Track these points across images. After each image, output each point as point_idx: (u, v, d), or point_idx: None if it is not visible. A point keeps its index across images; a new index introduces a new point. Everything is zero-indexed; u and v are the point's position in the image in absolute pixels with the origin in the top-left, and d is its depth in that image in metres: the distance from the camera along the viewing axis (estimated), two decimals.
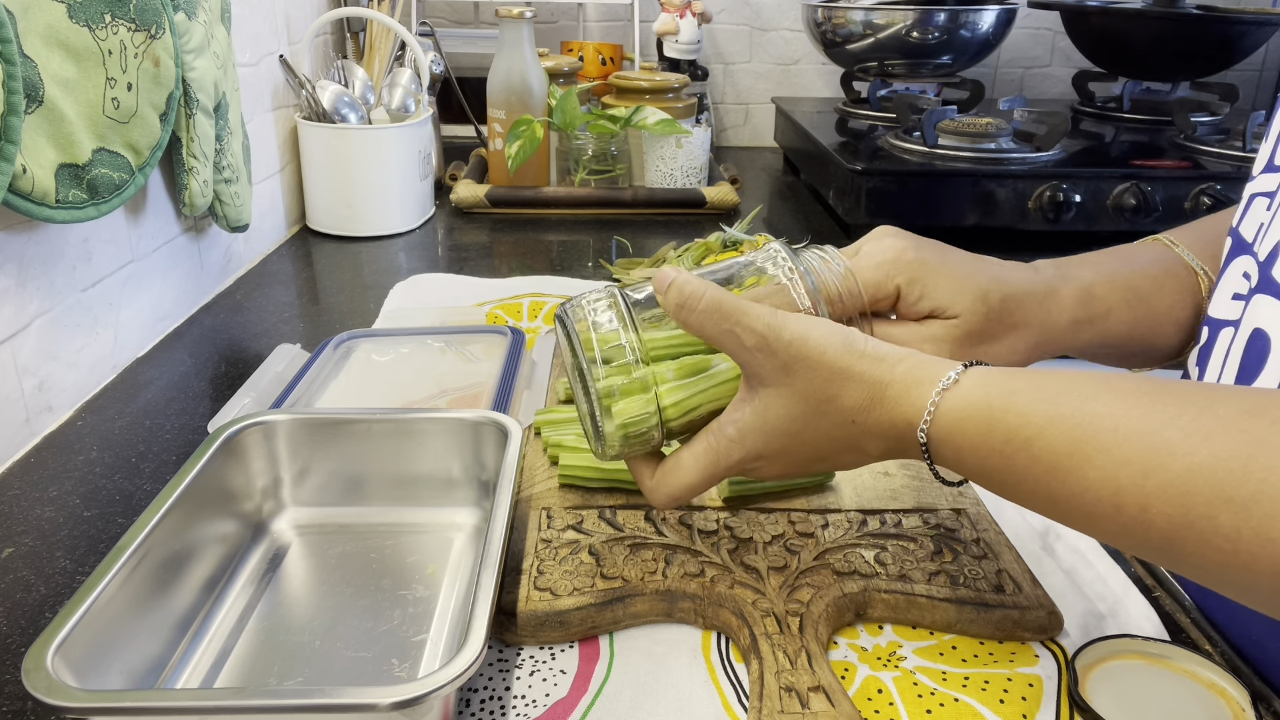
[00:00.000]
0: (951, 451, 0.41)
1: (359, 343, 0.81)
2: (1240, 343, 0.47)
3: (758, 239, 0.95)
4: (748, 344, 0.44)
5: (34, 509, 0.62)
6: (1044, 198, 1.14)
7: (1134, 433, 0.35)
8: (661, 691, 0.47)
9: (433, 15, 1.67)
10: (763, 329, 0.43)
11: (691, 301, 0.45)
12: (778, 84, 1.76)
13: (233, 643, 0.50)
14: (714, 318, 0.44)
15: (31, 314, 0.69)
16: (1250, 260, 0.48)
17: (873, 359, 0.43)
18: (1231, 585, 0.34)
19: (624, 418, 0.47)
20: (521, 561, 0.54)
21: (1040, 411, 0.38)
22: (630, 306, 0.48)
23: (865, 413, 0.43)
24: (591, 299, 0.49)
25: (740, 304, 0.44)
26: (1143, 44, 1.51)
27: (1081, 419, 0.36)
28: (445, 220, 1.26)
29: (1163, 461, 0.34)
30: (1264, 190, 0.49)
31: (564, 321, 0.49)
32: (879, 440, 0.44)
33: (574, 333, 0.48)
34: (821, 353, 0.43)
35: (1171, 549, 0.34)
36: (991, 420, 0.39)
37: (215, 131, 0.88)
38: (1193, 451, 0.33)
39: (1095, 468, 0.36)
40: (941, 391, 0.41)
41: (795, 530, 0.56)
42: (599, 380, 0.47)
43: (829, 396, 0.43)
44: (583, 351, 0.47)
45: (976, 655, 0.49)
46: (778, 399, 0.44)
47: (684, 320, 0.45)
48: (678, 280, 0.45)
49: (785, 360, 0.43)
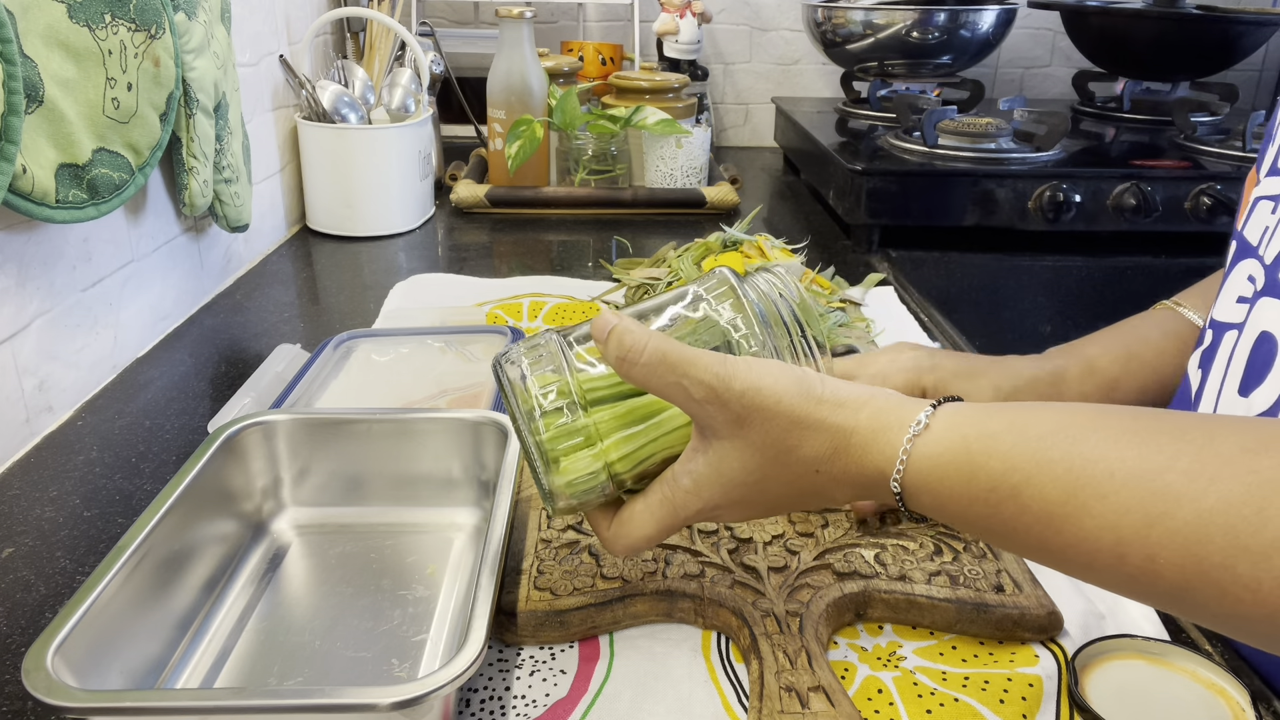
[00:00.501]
0: (930, 499, 0.39)
1: (359, 343, 0.81)
2: (1246, 345, 0.47)
3: (758, 239, 0.95)
4: (696, 396, 0.41)
5: (34, 509, 0.62)
6: (1044, 198, 1.14)
7: (1132, 477, 0.33)
8: (661, 691, 0.47)
9: (433, 15, 1.67)
10: (711, 380, 0.41)
11: (633, 355, 0.42)
12: (778, 84, 1.76)
13: (233, 643, 0.50)
14: (658, 371, 0.41)
15: (31, 314, 0.69)
16: (1255, 263, 0.48)
17: (833, 405, 0.41)
18: (1252, 635, 0.32)
19: (570, 475, 0.44)
20: (521, 561, 0.54)
21: (1026, 456, 0.36)
22: (568, 352, 0.46)
23: (829, 462, 0.41)
24: (526, 348, 0.46)
25: (686, 354, 0.41)
26: (1143, 44, 1.51)
27: (1073, 464, 0.35)
28: (445, 220, 1.26)
29: (1167, 509, 0.32)
30: (1269, 194, 0.49)
31: (498, 375, 0.46)
32: (847, 488, 0.42)
33: (509, 388, 0.45)
34: (777, 401, 0.40)
35: (1184, 599, 0.33)
36: (973, 467, 0.37)
37: (215, 131, 0.88)
38: (1200, 497, 0.32)
39: (1093, 516, 0.34)
40: (912, 438, 0.39)
41: (795, 530, 0.56)
42: (539, 438, 0.44)
43: (788, 447, 0.41)
44: (520, 407, 0.45)
45: (976, 655, 0.49)
46: (732, 450, 0.42)
47: (626, 373, 0.42)
48: (617, 329, 0.42)
49: (738, 412, 0.41)
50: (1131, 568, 0.33)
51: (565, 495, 0.45)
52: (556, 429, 0.44)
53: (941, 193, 1.16)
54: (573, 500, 0.45)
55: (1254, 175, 0.52)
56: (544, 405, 0.44)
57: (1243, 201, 0.53)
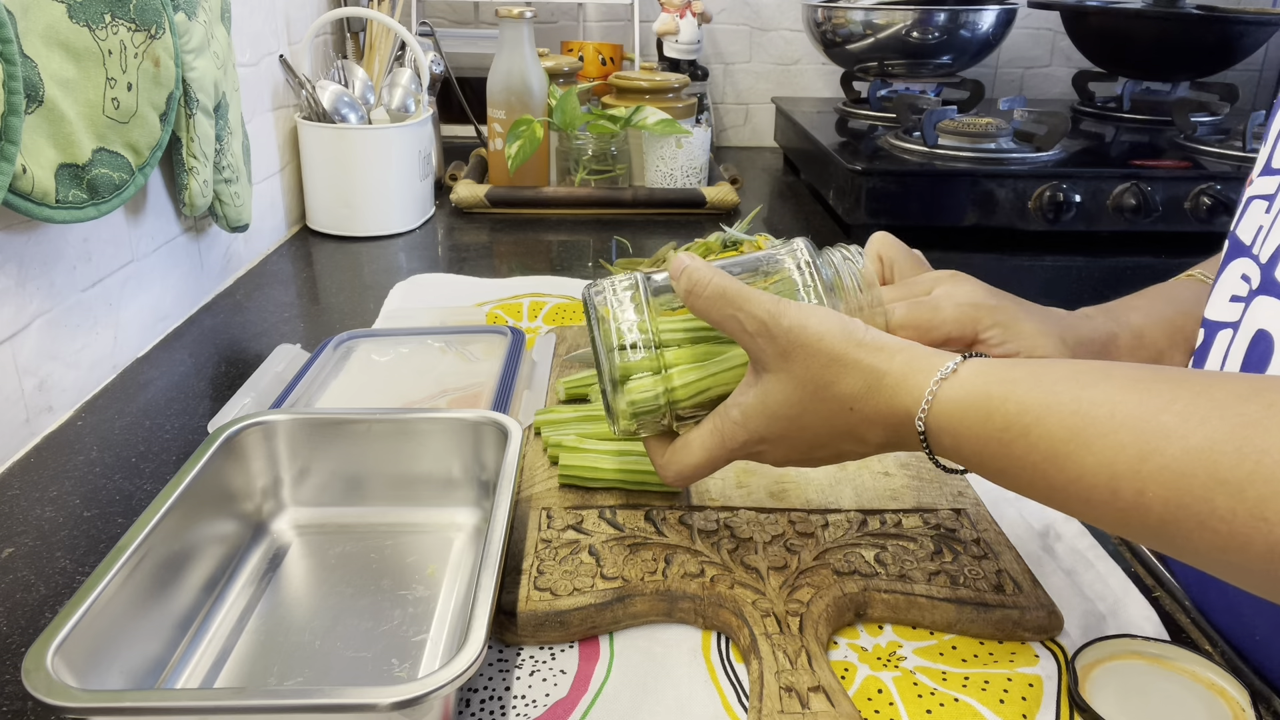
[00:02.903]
0: (950, 439, 0.42)
1: (359, 343, 0.81)
2: (1241, 345, 0.47)
3: (758, 239, 0.95)
4: (749, 329, 0.45)
5: (34, 509, 0.62)
6: (1044, 198, 1.14)
7: (1130, 418, 0.35)
8: (661, 691, 0.47)
9: (433, 15, 1.67)
10: (763, 315, 0.45)
11: (698, 288, 0.47)
12: (778, 84, 1.76)
13: (233, 643, 0.50)
14: (718, 303, 0.46)
15: (31, 314, 0.69)
16: (1249, 263, 0.48)
17: (871, 348, 0.44)
18: (1227, 568, 0.34)
19: (634, 395, 0.49)
20: (521, 561, 0.54)
21: (1038, 399, 0.38)
22: (649, 292, 0.51)
23: (862, 400, 0.43)
24: (615, 282, 0.51)
25: (744, 291, 0.46)
26: (1143, 44, 1.51)
27: (1079, 406, 0.37)
28: (445, 220, 1.26)
29: (1159, 445, 0.34)
30: (1262, 193, 0.49)
31: (586, 300, 0.52)
32: (878, 428, 0.44)
33: (593, 312, 0.51)
34: (819, 339, 0.44)
35: (1168, 532, 0.34)
36: (990, 409, 0.40)
37: (215, 131, 0.88)
38: (1189, 435, 0.33)
39: (1092, 453, 0.36)
40: (940, 380, 0.41)
41: (795, 530, 0.56)
42: (613, 358, 0.50)
43: (826, 382, 0.44)
44: (599, 331, 0.50)
45: (976, 655, 0.49)
46: (778, 383, 0.45)
47: (691, 305, 0.47)
48: (689, 267, 0.48)
49: (784, 346, 0.44)
50: (1123, 502, 0.35)
51: (628, 414, 0.50)
52: (630, 353, 0.50)
53: (941, 193, 1.16)
54: (633, 420, 0.50)
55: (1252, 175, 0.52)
56: (623, 332, 0.50)
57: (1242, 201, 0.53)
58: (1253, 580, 0.34)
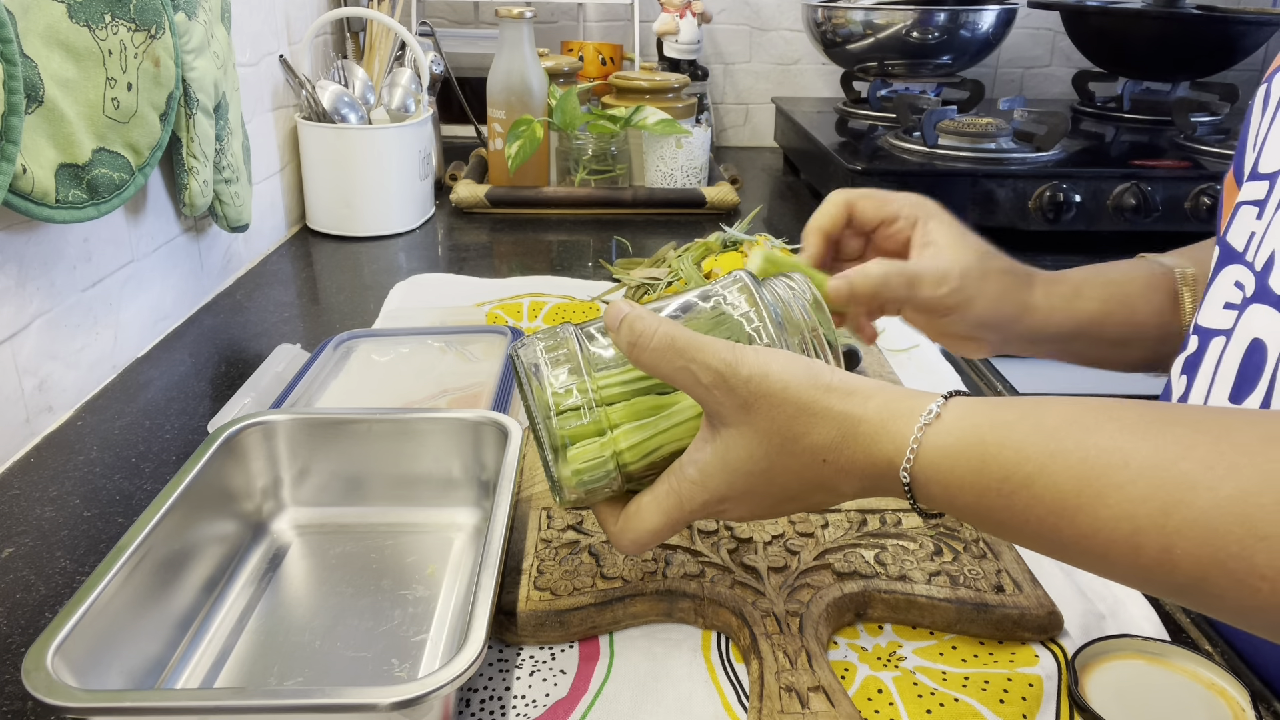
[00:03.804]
0: (940, 490, 0.38)
1: (359, 343, 0.81)
2: (1235, 353, 0.46)
3: (758, 239, 0.95)
4: (704, 381, 0.41)
5: (34, 509, 0.62)
6: (1044, 198, 1.14)
7: (1148, 466, 0.33)
8: (661, 691, 0.47)
9: (433, 15, 1.67)
10: (719, 365, 0.41)
11: (643, 340, 0.42)
12: (778, 84, 1.76)
13: (233, 643, 0.50)
14: (667, 355, 0.42)
15: (31, 314, 0.69)
16: (1243, 269, 0.47)
17: (841, 393, 0.40)
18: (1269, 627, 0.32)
19: (578, 464, 0.45)
20: (521, 561, 0.54)
21: (1039, 446, 0.35)
22: (584, 344, 0.47)
23: (837, 451, 0.40)
24: (543, 339, 0.47)
25: (694, 340, 0.42)
26: (1143, 44, 1.51)
27: (1087, 454, 0.34)
28: (445, 220, 1.26)
29: (1184, 497, 0.31)
30: (1251, 199, 0.49)
31: (514, 363, 0.47)
32: (854, 479, 0.41)
33: (524, 375, 0.46)
34: (784, 388, 0.40)
35: (1199, 590, 0.32)
36: (985, 456, 0.37)
37: (215, 131, 0.88)
38: (1217, 486, 0.31)
39: (1108, 506, 0.33)
40: (923, 426, 0.38)
41: (795, 530, 0.56)
42: (550, 424, 0.45)
43: (795, 435, 0.40)
44: (533, 395, 0.46)
45: (976, 655, 0.49)
46: (739, 438, 0.41)
47: (636, 359, 0.43)
48: (629, 316, 0.43)
49: (744, 397, 0.40)
50: (1147, 559, 0.33)
51: (573, 485, 0.45)
52: (567, 418, 0.45)
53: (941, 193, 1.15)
54: (580, 490, 0.46)
55: (1231, 180, 0.52)
56: (557, 394, 0.45)
57: (1223, 206, 0.52)
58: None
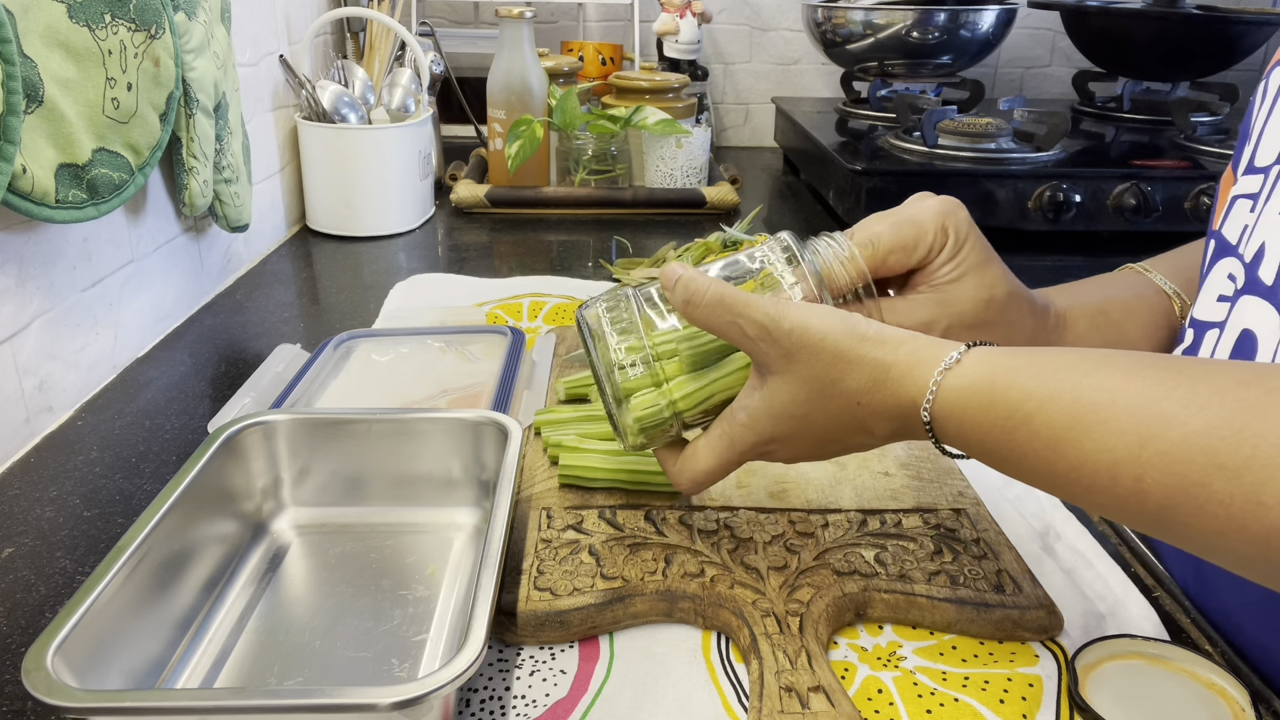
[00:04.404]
0: (955, 428, 0.42)
1: (359, 343, 0.81)
2: (1227, 344, 0.47)
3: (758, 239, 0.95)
4: (751, 334, 0.45)
5: (34, 509, 0.62)
6: (1044, 198, 1.14)
7: (1131, 404, 0.35)
8: (661, 691, 0.47)
9: (433, 15, 1.67)
10: (764, 319, 0.45)
11: (696, 297, 0.47)
12: (778, 84, 1.76)
13: (233, 643, 0.50)
14: (717, 311, 0.46)
15: (31, 314, 0.69)
16: (1235, 262, 0.48)
17: (875, 342, 0.44)
18: (1225, 553, 0.34)
19: (638, 412, 0.50)
20: (521, 561, 0.54)
21: (1041, 387, 0.38)
22: (641, 305, 0.51)
23: (869, 394, 0.44)
24: (605, 299, 0.51)
25: (742, 297, 0.46)
26: (1143, 44, 1.51)
27: (1080, 393, 0.37)
28: (445, 220, 1.26)
29: (1158, 431, 0.34)
30: (1246, 192, 0.49)
31: (580, 322, 0.52)
32: (885, 421, 0.44)
33: (588, 333, 0.51)
34: (822, 338, 0.44)
35: (1166, 518, 0.35)
36: (993, 396, 0.40)
37: (215, 131, 0.88)
38: (1188, 421, 0.34)
39: (1092, 440, 0.36)
40: (944, 370, 0.42)
41: (795, 530, 0.56)
42: (613, 378, 0.50)
43: (833, 380, 0.44)
44: (597, 352, 0.50)
45: (976, 655, 0.49)
46: (783, 384, 0.45)
47: (690, 315, 0.47)
48: (684, 277, 0.47)
49: (787, 348, 0.44)
50: (1122, 489, 0.35)
51: (635, 431, 0.50)
52: (627, 372, 0.50)
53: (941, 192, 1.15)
54: (641, 436, 0.50)
55: (1229, 174, 0.52)
56: (618, 350, 0.50)
57: (1219, 200, 0.52)
58: (1248, 566, 0.34)
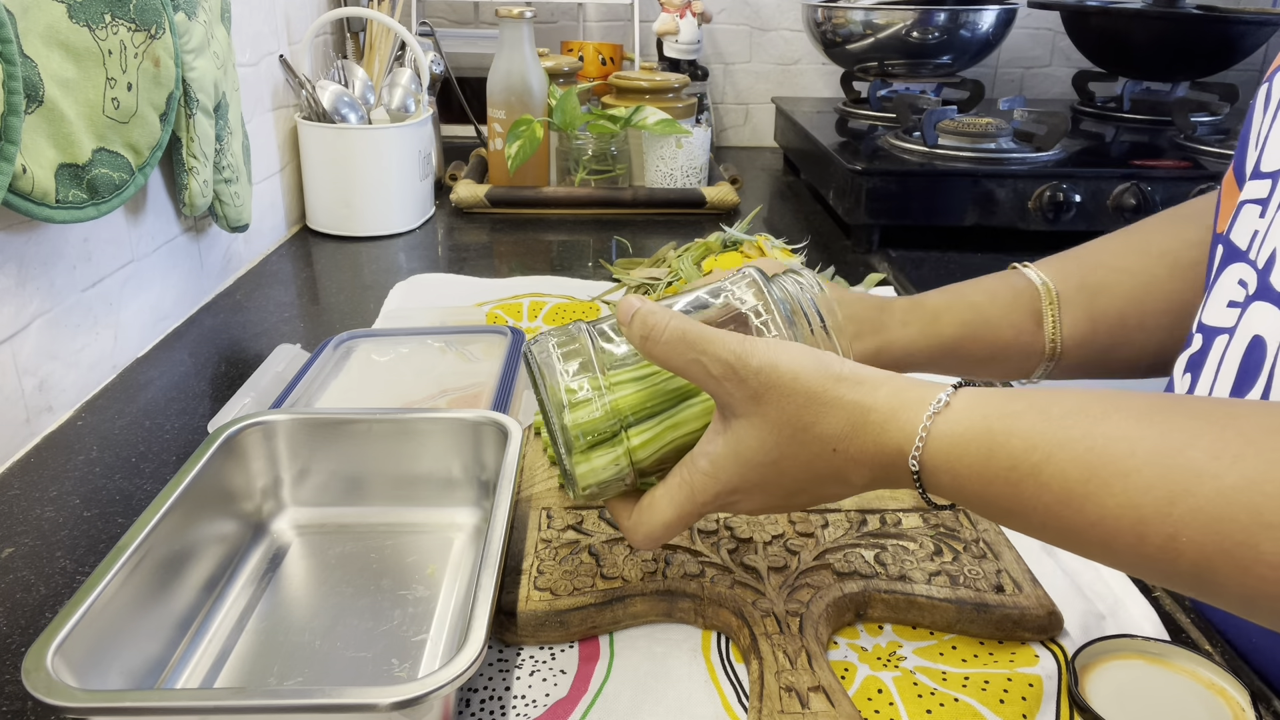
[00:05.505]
0: (949, 479, 0.39)
1: (359, 343, 0.81)
2: (1237, 350, 0.47)
3: (758, 239, 0.95)
4: (714, 373, 0.41)
5: (34, 509, 0.62)
6: (1044, 198, 1.14)
7: (1154, 455, 0.33)
8: (661, 691, 0.47)
9: (433, 15, 1.67)
10: (729, 357, 0.41)
11: (655, 333, 0.43)
12: (778, 84, 1.76)
13: (233, 643, 0.50)
14: (678, 348, 0.42)
15: (31, 314, 0.69)
16: (1246, 267, 0.48)
17: (852, 383, 0.40)
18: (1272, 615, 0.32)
19: (592, 461, 0.45)
20: (521, 561, 0.54)
21: (1046, 435, 0.36)
22: (596, 340, 0.47)
23: (847, 440, 0.40)
24: (555, 335, 0.47)
25: (705, 333, 0.42)
26: (1143, 44, 1.51)
27: (1094, 442, 0.34)
28: (445, 220, 1.26)
29: (1190, 486, 0.32)
30: (1254, 197, 0.49)
31: (528, 362, 0.48)
32: (864, 469, 0.41)
33: (538, 374, 0.47)
34: (794, 378, 0.40)
35: (1204, 578, 0.32)
36: (993, 445, 0.37)
37: (215, 131, 0.88)
38: (1222, 474, 0.31)
39: (1113, 494, 0.33)
40: (933, 415, 0.39)
41: (795, 530, 0.56)
42: (563, 421, 0.45)
43: (805, 424, 0.40)
44: (546, 392, 0.46)
45: (976, 655, 0.49)
46: (750, 429, 0.42)
47: (648, 352, 0.43)
48: (641, 311, 0.43)
49: (755, 388, 0.41)
50: (1152, 547, 0.33)
51: (587, 480, 0.46)
52: (579, 414, 0.45)
53: (941, 193, 1.16)
54: (593, 485, 0.46)
55: (1230, 178, 0.52)
56: (569, 389, 0.45)
57: (1221, 204, 0.52)
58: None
